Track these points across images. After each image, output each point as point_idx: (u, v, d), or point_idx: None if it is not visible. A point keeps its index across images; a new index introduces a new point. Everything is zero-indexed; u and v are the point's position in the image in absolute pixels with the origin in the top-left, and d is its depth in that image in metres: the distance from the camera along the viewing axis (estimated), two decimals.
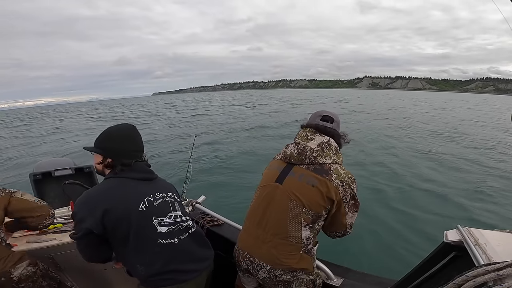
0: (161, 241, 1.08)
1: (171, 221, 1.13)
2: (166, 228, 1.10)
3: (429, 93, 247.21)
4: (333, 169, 1.13)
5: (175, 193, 1.26)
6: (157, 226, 1.08)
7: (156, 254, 1.07)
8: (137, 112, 34.70)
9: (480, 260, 0.73)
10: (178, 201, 1.24)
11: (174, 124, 18.71)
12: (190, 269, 1.14)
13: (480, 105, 44.37)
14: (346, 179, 1.13)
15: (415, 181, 7.77)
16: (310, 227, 1.15)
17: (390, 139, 12.16)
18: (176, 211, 1.17)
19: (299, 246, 1.14)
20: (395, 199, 6.06)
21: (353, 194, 1.16)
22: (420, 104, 39.72)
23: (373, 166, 8.84)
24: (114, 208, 1.03)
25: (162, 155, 10.18)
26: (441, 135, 13.32)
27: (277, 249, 1.13)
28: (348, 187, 1.13)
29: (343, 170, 1.15)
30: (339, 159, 1.18)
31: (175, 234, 1.12)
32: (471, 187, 7.48)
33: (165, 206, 1.14)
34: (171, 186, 1.28)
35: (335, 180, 1.11)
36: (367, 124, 16.25)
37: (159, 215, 1.10)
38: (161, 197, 1.15)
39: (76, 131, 17.89)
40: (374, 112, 24.96)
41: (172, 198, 1.20)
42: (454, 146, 11.19)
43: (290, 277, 1.16)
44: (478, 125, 17.40)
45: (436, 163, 9.41)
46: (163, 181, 1.26)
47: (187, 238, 1.16)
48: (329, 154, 1.15)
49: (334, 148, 1.18)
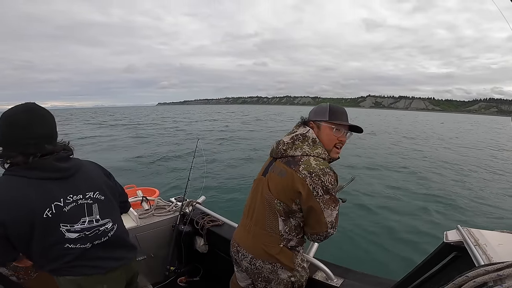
0: (70, 245, 0.99)
1: (84, 227, 1.02)
2: (77, 234, 1.00)
3: (433, 114, 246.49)
4: (303, 160, 1.11)
5: (100, 188, 1.10)
6: (65, 233, 0.98)
7: (64, 257, 0.99)
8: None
9: (480, 260, 0.73)
10: (101, 199, 1.09)
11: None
12: (100, 265, 1.07)
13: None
14: (316, 170, 1.07)
15: (416, 181, 7.78)
16: (283, 219, 1.15)
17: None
18: (93, 214, 1.05)
19: (277, 238, 1.15)
20: (395, 200, 6.06)
21: (326, 187, 1.07)
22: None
23: (379, 169, 8.82)
24: (10, 213, 0.89)
25: (166, 156, 10.18)
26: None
27: (258, 238, 1.18)
28: (318, 178, 1.06)
29: (316, 162, 1.10)
30: (314, 151, 1.13)
31: (87, 240, 1.03)
32: (472, 189, 7.48)
33: (78, 210, 1.02)
34: (96, 180, 1.11)
35: (302, 171, 1.08)
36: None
37: (69, 222, 0.98)
38: (74, 201, 1.01)
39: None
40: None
41: (91, 199, 1.06)
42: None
43: (270, 271, 1.16)
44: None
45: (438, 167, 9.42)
46: (85, 176, 1.07)
47: (103, 243, 1.08)
48: (300, 146, 1.14)
49: (310, 140, 1.16)
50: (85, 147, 12.13)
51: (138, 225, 1.94)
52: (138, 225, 1.94)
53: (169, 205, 2.21)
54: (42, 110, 1.00)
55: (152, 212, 2.11)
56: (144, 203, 2.28)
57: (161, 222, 2.06)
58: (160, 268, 1.99)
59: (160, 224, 2.06)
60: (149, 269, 2.06)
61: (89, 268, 1.04)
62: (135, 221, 1.96)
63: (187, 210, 2.15)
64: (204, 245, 1.99)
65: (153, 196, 2.67)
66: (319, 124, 1.21)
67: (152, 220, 2.03)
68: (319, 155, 1.13)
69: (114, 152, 10.75)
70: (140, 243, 1.97)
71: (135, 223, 1.95)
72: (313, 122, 1.22)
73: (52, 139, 1.02)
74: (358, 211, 5.20)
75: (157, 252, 2.06)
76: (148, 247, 2.02)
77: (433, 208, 5.65)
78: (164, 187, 6.24)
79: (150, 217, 2.07)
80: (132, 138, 15.20)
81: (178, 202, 2.25)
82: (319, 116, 1.21)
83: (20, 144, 0.93)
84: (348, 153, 11.55)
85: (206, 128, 21.37)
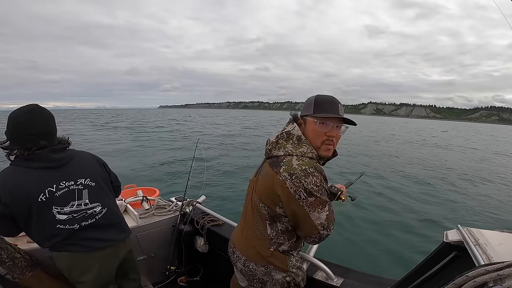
0: (60, 226, 1.17)
1: (72, 210, 1.19)
2: (66, 216, 1.17)
3: (434, 121, 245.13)
4: (285, 160, 1.01)
5: (91, 176, 1.27)
6: (56, 214, 1.16)
7: (56, 236, 1.17)
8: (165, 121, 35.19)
9: (480, 260, 0.73)
10: (91, 186, 1.26)
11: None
12: (87, 244, 1.23)
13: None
14: (298, 171, 0.96)
15: (415, 182, 7.78)
16: (269, 223, 1.09)
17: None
18: (82, 199, 1.22)
19: (267, 241, 1.10)
20: (395, 200, 6.06)
21: (309, 189, 0.96)
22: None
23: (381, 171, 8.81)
24: (12, 197, 1.08)
25: (166, 156, 10.18)
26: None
27: (249, 241, 1.15)
28: (299, 181, 0.96)
29: (298, 162, 0.99)
30: (297, 149, 1.03)
31: (75, 221, 1.20)
32: (472, 189, 7.48)
33: (69, 195, 1.19)
34: (88, 169, 1.29)
35: (282, 172, 0.98)
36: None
37: (59, 205, 1.16)
38: (66, 186, 1.18)
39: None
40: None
41: (82, 186, 1.23)
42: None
43: (264, 273, 1.12)
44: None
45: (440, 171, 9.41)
46: (78, 165, 1.25)
47: (90, 224, 1.24)
48: (284, 146, 1.05)
49: (295, 138, 1.05)
50: (84, 147, 12.13)
51: (138, 224, 1.94)
52: (139, 224, 1.94)
53: (170, 205, 2.21)
54: (42, 110, 1.18)
55: (153, 211, 2.11)
56: (145, 203, 2.28)
57: (162, 221, 2.07)
58: (160, 268, 1.99)
59: (160, 224, 2.06)
60: (149, 268, 2.06)
61: (77, 247, 1.20)
62: (135, 220, 1.96)
63: (187, 209, 2.15)
64: (204, 244, 1.99)
65: (154, 195, 2.67)
66: (305, 119, 1.09)
67: (152, 220, 2.03)
68: (304, 154, 1.02)
69: (114, 151, 10.75)
70: (140, 242, 1.97)
71: (136, 222, 1.95)
72: (301, 117, 1.11)
73: (49, 135, 1.19)
74: (358, 211, 5.20)
75: (157, 252, 2.06)
76: (148, 246, 2.02)
77: (433, 208, 5.65)
78: (164, 187, 6.24)
79: (151, 216, 2.07)
80: (132, 139, 15.21)
81: (178, 201, 2.25)
82: (305, 110, 1.09)
83: (22, 139, 1.12)
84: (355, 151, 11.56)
85: (207, 131, 21.39)
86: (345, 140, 17.55)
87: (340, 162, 9.71)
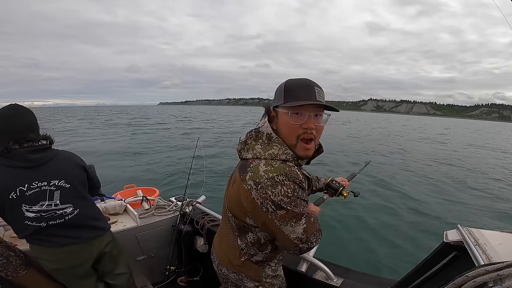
0: (28, 222, 1.25)
1: (41, 209, 1.25)
2: (34, 214, 1.25)
3: (434, 118, 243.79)
4: (252, 166, 0.84)
5: (66, 177, 1.33)
6: (25, 212, 1.23)
7: (24, 230, 1.26)
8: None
9: (480, 260, 0.73)
10: (65, 187, 1.32)
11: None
12: (53, 240, 1.30)
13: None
14: (263, 180, 0.80)
15: (415, 182, 7.78)
16: (237, 234, 0.97)
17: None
18: (53, 199, 1.28)
19: (237, 252, 1.00)
20: (395, 200, 6.06)
21: (277, 202, 0.79)
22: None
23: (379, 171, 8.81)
24: None
25: (166, 156, 10.18)
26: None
27: (223, 248, 1.07)
28: (265, 192, 0.79)
29: (266, 167, 0.82)
30: (267, 152, 0.86)
31: (43, 220, 1.26)
32: (472, 189, 7.48)
33: (40, 195, 1.25)
34: (65, 170, 1.34)
35: (248, 180, 0.83)
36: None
37: (28, 204, 1.23)
38: (38, 187, 1.24)
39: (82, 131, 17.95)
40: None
41: (54, 187, 1.29)
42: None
43: (236, 279, 1.04)
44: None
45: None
46: (55, 166, 1.30)
47: (58, 224, 1.30)
48: (252, 147, 0.89)
49: (264, 137, 0.89)
50: (79, 145, 12.13)
51: (138, 225, 1.94)
52: (138, 225, 1.94)
53: (169, 205, 2.21)
54: (24, 107, 1.27)
55: (152, 211, 2.11)
56: (144, 203, 2.28)
57: (161, 221, 2.07)
58: (160, 268, 1.99)
59: (160, 224, 2.06)
60: (149, 268, 2.06)
61: (45, 242, 1.29)
62: (135, 221, 1.96)
63: (187, 209, 2.15)
64: (204, 244, 1.99)
65: (153, 195, 2.68)
66: (277, 111, 0.89)
67: (152, 220, 2.03)
68: (275, 156, 0.85)
69: (114, 151, 10.75)
70: (140, 243, 1.97)
71: (135, 223, 1.95)
72: (273, 109, 0.91)
73: (29, 131, 1.25)
74: (358, 211, 5.20)
75: (157, 252, 2.06)
76: (148, 246, 2.02)
77: (433, 207, 5.65)
78: (164, 186, 6.24)
79: (150, 216, 2.07)
80: (132, 138, 15.21)
81: (178, 201, 2.25)
82: (276, 100, 0.90)
83: (11, 133, 1.20)
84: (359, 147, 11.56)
85: (208, 129, 21.42)
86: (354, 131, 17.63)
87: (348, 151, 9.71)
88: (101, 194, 2.11)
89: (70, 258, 1.35)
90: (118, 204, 2.07)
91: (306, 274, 1.43)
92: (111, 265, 1.55)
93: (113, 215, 2.02)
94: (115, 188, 3.13)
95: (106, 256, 1.51)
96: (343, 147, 13.85)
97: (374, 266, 3.44)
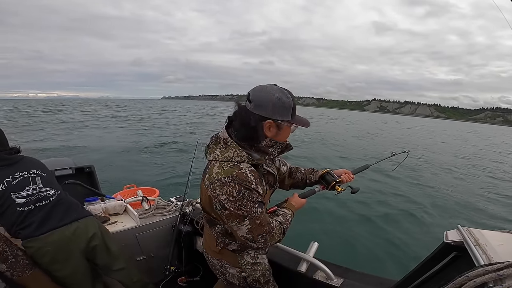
0: (20, 209, 1.36)
1: (28, 193, 1.40)
2: (24, 199, 1.38)
3: (438, 121, 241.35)
4: (209, 167, 0.98)
5: (41, 169, 1.53)
6: (16, 199, 1.36)
7: (17, 219, 1.35)
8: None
9: (480, 260, 0.73)
10: (43, 175, 1.50)
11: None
12: (44, 224, 1.38)
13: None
14: (214, 181, 0.92)
15: (415, 182, 7.78)
16: (209, 226, 1.13)
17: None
18: (36, 183, 1.45)
19: (214, 241, 1.13)
20: (395, 200, 6.06)
21: (221, 201, 0.91)
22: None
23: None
24: None
25: (166, 156, 10.18)
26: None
27: (205, 236, 1.24)
28: (214, 191, 0.92)
29: (219, 169, 0.93)
30: (223, 155, 0.96)
31: (31, 202, 1.39)
32: (472, 189, 7.47)
33: (24, 182, 1.42)
34: (38, 163, 1.58)
35: (206, 180, 0.97)
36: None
37: (17, 190, 1.38)
38: (21, 176, 1.42)
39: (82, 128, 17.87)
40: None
41: (34, 174, 1.47)
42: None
43: (219, 265, 1.17)
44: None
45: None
46: (29, 160, 1.54)
47: (44, 205, 1.42)
48: (213, 150, 1.00)
49: (222, 142, 1.00)
50: (75, 143, 12.13)
51: (138, 225, 1.94)
52: (138, 225, 1.94)
53: (169, 205, 2.21)
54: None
55: (152, 212, 2.11)
56: (144, 203, 2.28)
57: (161, 222, 2.06)
58: (160, 268, 1.99)
59: (160, 224, 2.06)
60: (149, 269, 2.06)
61: (36, 229, 1.35)
62: (135, 221, 1.96)
63: (187, 210, 2.15)
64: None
65: (153, 196, 2.67)
66: (280, 124, 0.98)
67: (152, 220, 2.03)
68: (230, 159, 0.95)
69: (114, 151, 10.75)
70: (140, 243, 1.97)
71: (135, 223, 1.95)
72: (274, 121, 0.97)
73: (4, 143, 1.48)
74: (358, 211, 5.19)
75: (157, 252, 2.06)
76: (148, 247, 2.02)
77: (433, 207, 5.65)
78: (164, 186, 6.24)
79: (150, 217, 2.07)
80: (132, 137, 15.20)
81: (178, 202, 2.25)
82: (278, 115, 0.97)
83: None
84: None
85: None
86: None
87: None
88: (101, 194, 2.11)
89: (61, 242, 1.39)
90: (118, 204, 2.07)
91: (306, 274, 1.43)
92: (108, 260, 1.57)
93: (113, 215, 2.02)
94: (115, 188, 3.13)
95: (98, 248, 1.53)
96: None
97: (375, 266, 3.44)
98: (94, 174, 2.79)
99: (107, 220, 1.91)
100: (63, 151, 9.80)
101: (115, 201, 2.08)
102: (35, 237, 1.34)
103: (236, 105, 1.02)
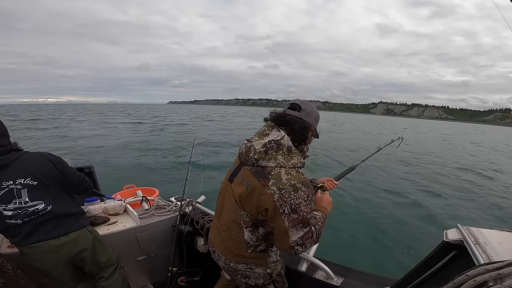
0: (8, 221, 1.31)
1: (16, 207, 1.31)
2: (11, 212, 1.31)
3: (446, 123, 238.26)
4: (274, 173, 1.00)
5: (32, 175, 1.36)
6: (3, 211, 1.30)
7: (6, 229, 1.33)
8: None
9: (480, 259, 0.73)
10: (32, 185, 1.35)
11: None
12: (32, 237, 1.34)
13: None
14: (287, 186, 0.97)
15: (415, 182, 7.78)
16: (250, 230, 1.12)
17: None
18: (21, 197, 1.32)
19: (244, 246, 1.14)
20: (395, 200, 6.06)
21: (294, 205, 0.97)
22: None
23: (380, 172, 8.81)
24: None
25: (166, 156, 10.18)
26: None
27: (227, 242, 1.19)
28: (288, 195, 0.97)
29: (288, 175, 1.00)
30: (289, 161, 1.03)
31: (19, 217, 1.32)
32: (472, 188, 7.48)
33: (10, 194, 1.31)
34: (31, 168, 1.37)
35: (271, 186, 0.98)
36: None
37: (3, 203, 1.30)
38: (6, 186, 1.31)
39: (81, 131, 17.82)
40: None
41: (20, 185, 1.33)
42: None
43: (245, 269, 1.18)
44: None
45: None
46: (19, 165, 1.36)
47: (33, 220, 1.34)
48: (274, 157, 1.02)
49: (285, 149, 1.04)
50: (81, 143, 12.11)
51: (138, 225, 1.94)
52: (138, 225, 1.94)
53: (169, 205, 2.21)
54: None
55: (152, 212, 2.10)
56: (144, 203, 2.28)
57: (161, 222, 2.06)
58: (160, 268, 1.99)
59: (160, 224, 2.05)
60: (149, 269, 2.06)
61: (23, 239, 1.32)
62: (135, 221, 1.96)
63: (187, 209, 2.15)
64: (204, 245, 1.99)
65: (153, 196, 2.67)
66: (314, 130, 1.16)
67: (152, 220, 2.03)
68: (295, 165, 1.03)
69: (114, 151, 10.74)
70: (140, 243, 1.97)
71: (135, 223, 1.94)
72: (300, 122, 1.09)
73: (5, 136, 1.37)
74: (358, 210, 5.20)
75: (157, 252, 2.06)
76: (148, 247, 2.02)
77: (433, 207, 5.65)
78: (164, 187, 6.23)
79: (150, 217, 2.07)
80: (132, 137, 15.18)
81: (178, 201, 2.25)
82: (315, 122, 1.15)
83: None
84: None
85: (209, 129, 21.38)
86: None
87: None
88: (101, 194, 2.11)
89: (47, 253, 1.36)
90: (118, 205, 2.06)
91: (307, 274, 1.43)
92: (95, 269, 1.54)
93: (113, 216, 2.02)
94: (115, 189, 3.12)
95: (86, 259, 1.48)
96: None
97: (375, 265, 3.44)
98: (93, 174, 2.79)
99: (107, 221, 1.91)
100: (63, 151, 9.78)
101: (114, 201, 2.08)
102: (22, 246, 1.34)
103: (285, 110, 1.12)
